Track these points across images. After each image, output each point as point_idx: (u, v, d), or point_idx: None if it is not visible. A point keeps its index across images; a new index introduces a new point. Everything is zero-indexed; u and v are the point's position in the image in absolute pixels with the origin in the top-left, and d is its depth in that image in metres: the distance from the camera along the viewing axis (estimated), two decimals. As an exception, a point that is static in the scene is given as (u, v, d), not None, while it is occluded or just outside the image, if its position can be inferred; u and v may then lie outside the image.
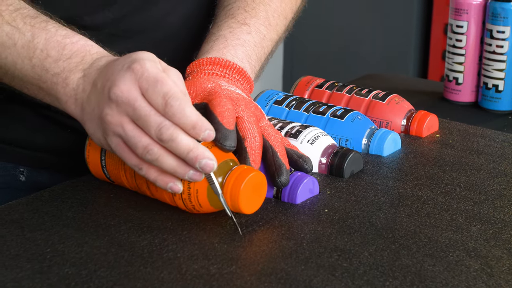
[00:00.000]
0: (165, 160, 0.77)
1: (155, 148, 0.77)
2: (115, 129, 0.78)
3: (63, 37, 0.85)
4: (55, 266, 0.74)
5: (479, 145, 1.08)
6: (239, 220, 0.83)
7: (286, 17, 1.08)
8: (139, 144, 0.77)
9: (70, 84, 0.83)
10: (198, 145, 0.77)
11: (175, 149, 0.76)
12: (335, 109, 1.05)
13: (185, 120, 0.76)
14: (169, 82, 0.76)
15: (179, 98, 0.76)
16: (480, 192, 0.93)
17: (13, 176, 1.08)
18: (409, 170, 0.99)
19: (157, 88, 0.76)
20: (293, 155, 0.89)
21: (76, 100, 0.83)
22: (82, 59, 0.84)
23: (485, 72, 1.32)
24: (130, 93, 0.76)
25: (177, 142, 0.76)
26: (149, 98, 0.76)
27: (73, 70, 0.83)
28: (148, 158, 0.77)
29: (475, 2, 1.31)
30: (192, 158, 0.76)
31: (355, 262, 0.76)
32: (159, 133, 0.76)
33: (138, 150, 0.77)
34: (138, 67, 0.77)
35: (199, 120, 0.76)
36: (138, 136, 0.77)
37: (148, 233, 0.81)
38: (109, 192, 0.90)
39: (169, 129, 0.75)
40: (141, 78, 0.76)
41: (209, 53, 0.96)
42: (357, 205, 0.88)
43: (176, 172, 0.78)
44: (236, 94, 0.88)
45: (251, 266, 0.75)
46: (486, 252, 0.78)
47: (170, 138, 0.76)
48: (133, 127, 0.77)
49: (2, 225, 0.82)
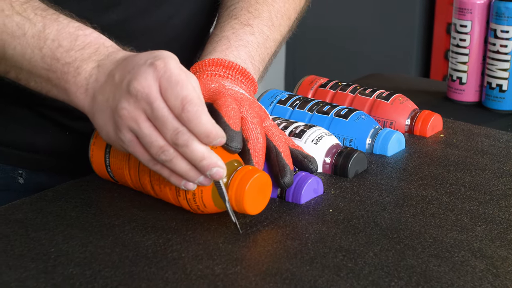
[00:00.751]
0: (178, 163, 0.77)
1: (171, 150, 0.77)
2: (130, 124, 0.77)
3: (76, 29, 0.84)
4: (60, 266, 0.74)
5: (484, 145, 1.08)
6: (243, 220, 0.83)
7: (289, 18, 1.08)
8: (155, 144, 0.77)
9: (82, 74, 0.81)
10: (211, 153, 0.77)
11: (189, 155, 0.77)
12: (339, 109, 1.05)
13: (200, 128, 0.76)
14: (189, 86, 0.76)
15: (196, 105, 0.75)
16: (485, 192, 0.93)
17: (12, 178, 1.08)
18: (413, 170, 0.99)
19: (176, 90, 0.75)
20: (298, 155, 0.89)
21: (86, 90, 0.81)
22: (96, 50, 0.82)
23: (489, 72, 1.31)
24: (151, 89, 0.75)
25: (191, 149, 0.76)
26: (166, 98, 0.75)
27: (86, 60, 0.81)
28: (162, 158, 0.77)
29: (479, 2, 1.31)
30: (204, 166, 0.77)
31: (360, 263, 0.76)
32: (175, 137, 0.76)
33: (152, 149, 0.77)
34: (162, 65, 0.76)
35: (213, 129, 0.76)
36: (154, 135, 0.77)
37: (153, 233, 0.80)
38: (113, 192, 0.90)
39: (184, 135, 0.75)
40: (163, 77, 0.75)
41: (212, 54, 0.96)
42: (361, 205, 0.88)
43: (187, 176, 0.78)
44: (240, 94, 0.88)
45: (256, 266, 0.75)
46: (491, 253, 0.78)
47: (185, 144, 0.76)
48: (149, 125, 0.76)
49: (6, 225, 0.82)
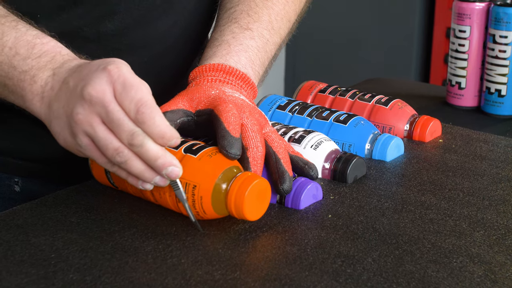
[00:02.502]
0: (133, 163, 0.79)
1: (125, 151, 0.78)
2: (85, 129, 0.78)
3: (34, 37, 0.85)
4: (60, 272, 0.74)
5: (482, 150, 1.08)
6: (243, 225, 0.84)
7: (289, 20, 1.08)
8: (110, 146, 0.78)
9: (38, 82, 0.82)
10: (166, 153, 0.78)
11: (144, 155, 0.78)
12: (338, 114, 1.05)
13: (155, 129, 0.77)
14: (143, 89, 0.77)
15: (150, 107, 0.76)
16: (484, 197, 0.93)
17: (8, 186, 1.08)
18: (412, 175, 0.99)
19: (131, 93, 0.76)
20: (298, 162, 0.89)
21: (42, 98, 0.82)
22: (52, 58, 0.83)
23: (488, 77, 1.32)
24: (105, 94, 0.76)
25: (146, 149, 0.77)
26: (121, 102, 0.77)
27: (42, 68, 0.83)
28: (117, 160, 0.78)
29: (477, 7, 1.31)
30: (159, 165, 0.78)
31: (359, 268, 0.76)
32: (130, 138, 0.77)
33: (108, 152, 0.78)
34: (115, 70, 0.77)
35: (168, 130, 0.77)
36: (109, 138, 0.78)
37: (152, 238, 0.81)
38: (113, 198, 0.90)
39: (139, 135, 0.77)
40: (117, 81, 0.77)
41: (212, 59, 0.96)
42: (360, 210, 0.88)
43: (143, 176, 0.79)
44: (240, 100, 0.89)
45: (255, 272, 0.75)
46: (489, 258, 0.78)
47: (140, 144, 0.77)
48: (104, 128, 0.78)
49: (6, 230, 0.82)
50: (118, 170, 0.81)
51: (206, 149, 0.83)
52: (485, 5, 1.31)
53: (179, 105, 0.89)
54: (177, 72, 1.11)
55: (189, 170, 0.82)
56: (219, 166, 0.82)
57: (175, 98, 0.90)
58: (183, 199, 0.81)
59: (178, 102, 0.89)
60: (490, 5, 1.31)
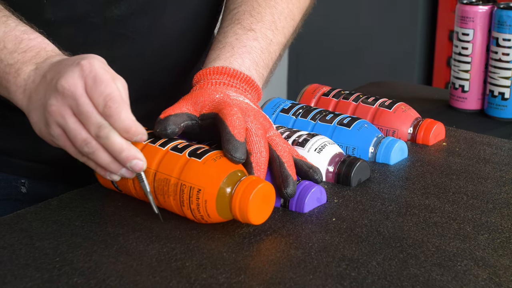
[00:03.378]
0: (100, 155, 0.82)
1: (93, 142, 0.81)
2: (57, 119, 0.82)
3: (22, 32, 0.88)
4: (64, 276, 0.74)
5: (486, 153, 1.08)
6: (247, 229, 0.84)
7: (293, 19, 1.08)
8: (79, 137, 0.81)
9: (22, 75, 0.86)
10: (130, 146, 0.82)
11: (110, 148, 0.81)
12: (341, 118, 1.05)
13: (120, 123, 0.80)
14: (112, 85, 0.80)
15: (118, 102, 0.80)
16: (488, 200, 0.93)
17: (15, 187, 1.08)
18: (416, 178, 0.99)
19: (100, 88, 0.80)
20: (303, 166, 0.89)
21: (24, 90, 0.85)
22: (37, 54, 0.87)
23: (491, 80, 1.32)
24: (76, 87, 0.80)
25: (112, 141, 0.81)
26: (91, 96, 0.80)
27: (27, 62, 0.86)
28: (85, 150, 0.82)
29: (481, 10, 1.31)
30: (124, 158, 0.82)
31: (363, 272, 0.76)
32: (97, 130, 0.80)
33: (77, 142, 0.82)
34: (87, 65, 0.81)
35: (133, 125, 0.81)
36: (79, 129, 0.81)
37: (157, 242, 0.81)
38: (117, 201, 0.90)
39: (106, 128, 0.80)
40: (88, 76, 0.80)
41: (216, 61, 0.96)
42: (364, 214, 0.88)
43: (109, 168, 0.83)
44: (245, 104, 0.89)
45: (259, 276, 0.75)
46: (494, 262, 0.78)
47: (106, 136, 0.80)
48: (74, 120, 0.81)
49: (10, 234, 0.82)
50: (87, 160, 0.84)
51: (211, 153, 0.83)
52: (489, 8, 1.31)
53: (183, 108, 0.89)
54: (184, 65, 1.11)
55: (193, 174, 0.82)
56: (223, 170, 0.82)
57: (179, 101, 0.90)
58: (146, 191, 0.84)
59: (182, 106, 0.89)
60: (494, 8, 1.31)
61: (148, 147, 0.87)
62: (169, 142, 0.87)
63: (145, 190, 0.84)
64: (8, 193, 1.07)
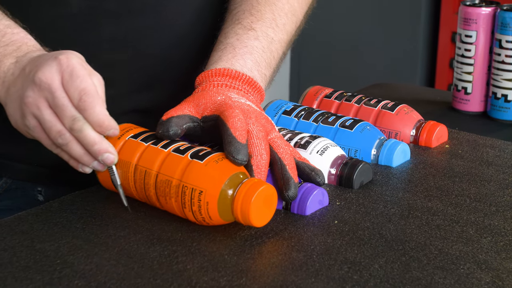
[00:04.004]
0: (73, 147, 0.85)
1: (67, 134, 0.84)
2: (33, 111, 0.84)
3: (5, 27, 0.91)
4: (65, 278, 0.74)
5: (489, 155, 1.08)
6: (249, 231, 0.83)
7: (294, 14, 1.07)
8: (54, 128, 0.84)
9: (2, 67, 0.88)
10: (103, 140, 0.84)
11: (83, 140, 0.84)
12: (344, 120, 1.05)
13: (94, 117, 0.83)
14: (88, 80, 0.83)
15: (92, 96, 0.82)
16: (491, 203, 0.93)
17: (32, 196, 1.09)
18: (418, 181, 0.99)
19: (76, 82, 0.82)
20: (305, 168, 0.89)
21: (3, 82, 0.87)
22: (18, 48, 0.89)
23: (494, 82, 1.31)
24: (53, 80, 0.82)
25: (85, 134, 0.83)
26: (67, 90, 0.83)
27: (8, 56, 0.88)
28: (59, 142, 0.84)
29: (484, 12, 1.31)
30: (96, 151, 0.84)
31: (366, 275, 0.75)
32: (71, 123, 0.83)
33: (51, 134, 0.84)
34: (65, 60, 0.83)
35: (106, 119, 0.83)
36: (53, 121, 0.84)
37: (158, 244, 0.80)
38: (118, 203, 0.90)
39: (80, 121, 0.83)
40: (65, 70, 0.83)
41: (218, 63, 0.96)
42: (366, 216, 0.88)
43: (82, 160, 0.86)
44: (246, 106, 0.88)
45: (261, 278, 0.75)
46: (497, 265, 0.78)
47: (79, 129, 0.83)
48: (50, 112, 0.84)
49: (11, 236, 0.82)
50: (61, 152, 0.87)
51: (213, 154, 0.83)
52: (492, 10, 1.31)
53: (185, 110, 0.89)
54: (191, 62, 1.11)
55: (195, 176, 0.82)
56: (225, 172, 0.81)
57: (182, 103, 0.90)
58: (117, 185, 0.87)
59: (184, 108, 0.89)
60: (497, 10, 1.31)
61: (150, 149, 0.87)
62: (171, 143, 0.86)
63: (115, 183, 0.87)
64: (26, 202, 1.07)
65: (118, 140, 0.89)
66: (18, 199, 1.07)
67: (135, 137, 0.89)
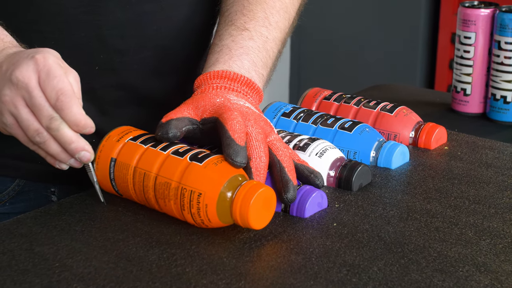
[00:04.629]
0: (51, 145, 0.86)
1: (44, 133, 0.85)
2: (10, 109, 0.84)
3: None
4: (64, 281, 0.74)
5: (488, 157, 1.08)
6: (248, 234, 0.83)
7: (286, 11, 1.07)
8: (31, 127, 0.85)
9: None
10: (79, 138, 0.86)
11: (60, 139, 0.85)
12: (343, 122, 1.05)
13: (71, 117, 0.84)
14: (65, 80, 0.83)
15: (69, 96, 0.83)
16: (490, 205, 0.93)
17: (45, 197, 1.08)
18: (417, 183, 0.99)
19: (53, 82, 0.83)
20: (304, 170, 0.89)
21: None
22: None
23: (493, 83, 1.31)
24: (30, 80, 0.83)
25: (61, 133, 0.85)
26: (44, 89, 0.83)
27: None
28: (37, 140, 0.85)
29: (483, 13, 1.31)
30: (73, 149, 0.86)
31: (364, 278, 0.75)
32: (48, 122, 0.84)
33: (29, 132, 0.85)
34: (41, 59, 0.84)
35: (83, 119, 0.85)
36: (31, 120, 0.84)
37: (157, 247, 0.80)
38: (117, 206, 0.90)
39: (57, 121, 0.84)
40: (42, 70, 0.83)
41: (215, 65, 0.96)
42: (365, 218, 0.88)
43: (59, 157, 0.87)
44: (245, 108, 0.88)
45: (259, 281, 0.75)
46: (496, 267, 0.78)
47: (56, 128, 0.84)
48: (27, 110, 0.84)
49: (10, 239, 0.82)
50: (38, 149, 0.87)
51: (212, 157, 0.83)
52: (491, 11, 1.31)
53: (184, 113, 0.89)
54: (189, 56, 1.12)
55: (194, 178, 0.82)
56: (224, 174, 0.81)
57: (181, 106, 0.90)
58: (93, 181, 0.90)
59: (183, 110, 0.89)
60: (496, 11, 1.31)
61: (149, 151, 0.87)
62: (170, 146, 0.86)
63: (92, 180, 0.90)
64: (40, 204, 1.06)
65: (118, 143, 0.89)
66: (31, 201, 1.07)
67: (134, 139, 0.89)
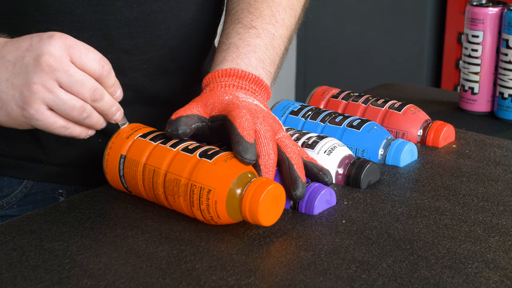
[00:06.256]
0: (94, 117, 0.87)
1: (89, 107, 0.85)
2: (44, 96, 0.82)
3: None
4: (74, 277, 0.74)
5: (496, 155, 1.08)
6: (257, 231, 0.83)
7: (292, 8, 1.07)
8: (77, 105, 0.84)
9: None
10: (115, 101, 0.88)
11: (102, 106, 0.86)
12: (351, 120, 1.05)
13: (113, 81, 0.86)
14: (96, 51, 0.85)
15: (108, 63, 0.85)
16: (498, 203, 0.93)
17: (53, 199, 1.08)
18: (426, 180, 0.99)
19: (90, 54, 0.84)
20: (312, 168, 0.89)
21: None
22: None
23: (501, 82, 1.31)
24: (63, 59, 0.82)
25: (105, 100, 0.86)
26: (84, 64, 0.83)
27: None
28: (83, 116, 0.85)
29: (491, 12, 1.31)
30: (114, 112, 0.88)
31: (374, 274, 0.76)
32: (93, 94, 0.84)
33: (74, 112, 0.84)
34: (64, 37, 0.83)
35: (116, 81, 0.87)
36: (73, 99, 0.84)
37: (166, 244, 0.81)
38: (127, 203, 0.90)
39: (100, 89, 0.85)
40: (73, 48, 0.83)
41: (223, 64, 0.96)
42: (374, 216, 0.88)
43: (96, 126, 0.88)
44: (254, 106, 0.88)
45: (269, 278, 0.75)
46: (505, 264, 0.78)
47: (101, 97, 0.85)
48: (65, 92, 0.83)
49: (20, 236, 0.82)
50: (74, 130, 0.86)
51: (221, 154, 0.83)
52: (498, 10, 1.31)
53: (193, 110, 0.89)
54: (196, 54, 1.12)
55: (204, 174, 0.82)
56: (234, 171, 0.81)
57: (190, 103, 0.90)
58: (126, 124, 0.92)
59: (192, 108, 0.89)
60: (504, 10, 1.31)
61: (158, 148, 0.87)
62: (180, 143, 0.87)
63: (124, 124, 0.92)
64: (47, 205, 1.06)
65: (127, 140, 0.89)
66: (39, 204, 1.07)
67: (144, 136, 0.89)
